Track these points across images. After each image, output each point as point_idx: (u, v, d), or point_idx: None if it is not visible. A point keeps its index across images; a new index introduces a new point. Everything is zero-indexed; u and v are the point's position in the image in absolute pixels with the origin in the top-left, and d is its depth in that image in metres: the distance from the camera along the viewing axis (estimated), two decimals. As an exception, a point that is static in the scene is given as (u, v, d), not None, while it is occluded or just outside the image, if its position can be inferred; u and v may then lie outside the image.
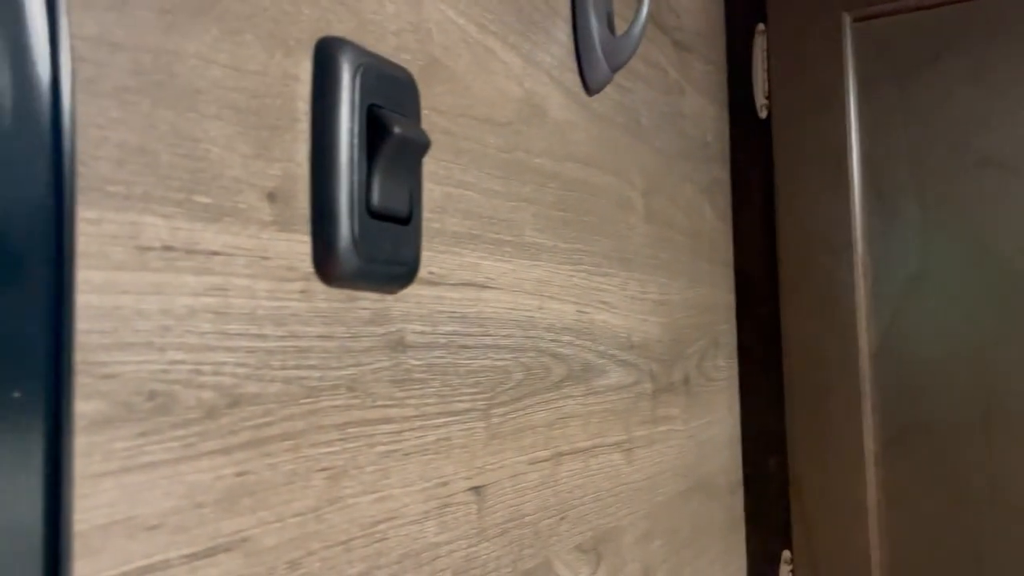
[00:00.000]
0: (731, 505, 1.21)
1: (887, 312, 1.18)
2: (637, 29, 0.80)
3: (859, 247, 1.19)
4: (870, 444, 1.18)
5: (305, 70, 0.49)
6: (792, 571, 1.22)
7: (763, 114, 1.27)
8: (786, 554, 1.23)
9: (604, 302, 0.84)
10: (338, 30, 0.51)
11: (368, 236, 0.50)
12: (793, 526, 1.22)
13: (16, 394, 0.34)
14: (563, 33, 0.79)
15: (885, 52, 1.17)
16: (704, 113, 1.19)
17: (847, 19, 1.19)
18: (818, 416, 1.20)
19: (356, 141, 0.49)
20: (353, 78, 0.50)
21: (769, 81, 1.26)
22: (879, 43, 1.18)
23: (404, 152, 0.52)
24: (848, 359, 1.19)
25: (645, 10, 0.80)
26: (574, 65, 0.81)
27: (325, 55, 0.49)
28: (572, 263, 0.78)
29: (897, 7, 1.16)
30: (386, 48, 0.55)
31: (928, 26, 1.15)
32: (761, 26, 1.27)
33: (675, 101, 1.07)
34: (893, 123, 1.17)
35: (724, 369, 1.21)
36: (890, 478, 1.17)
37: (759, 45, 1.28)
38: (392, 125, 0.50)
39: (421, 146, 0.53)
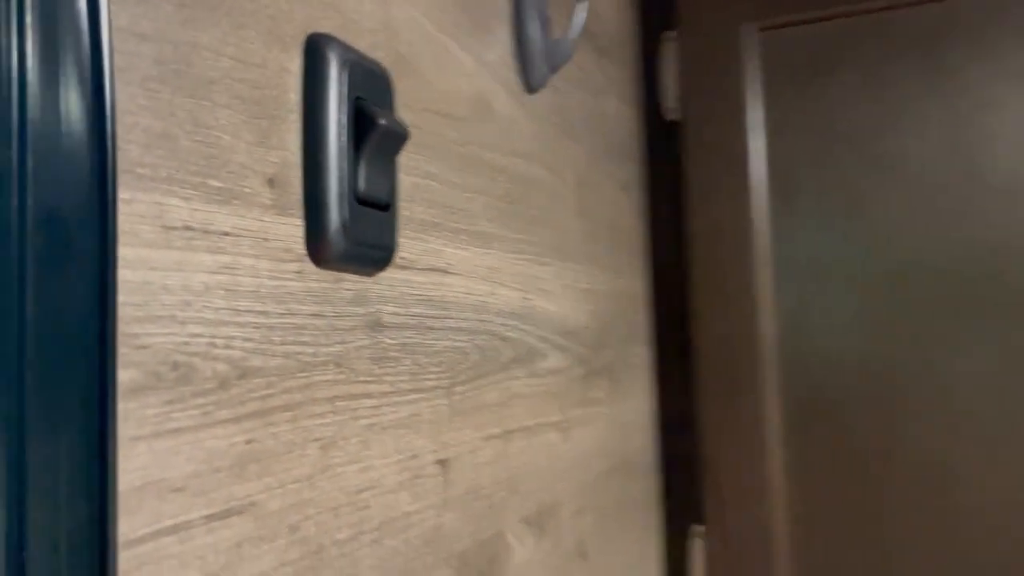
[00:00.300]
0: (648, 483, 1.28)
1: (789, 301, 1.27)
2: (574, 33, 0.86)
3: (763, 241, 1.28)
4: (775, 424, 1.27)
5: (297, 64, 0.52)
6: (704, 544, 1.30)
7: (671, 116, 1.35)
8: (698, 529, 1.31)
9: (544, 290, 0.89)
10: (324, 27, 0.55)
11: (355, 221, 0.53)
12: (705, 502, 1.30)
13: (67, 362, 0.36)
14: (506, 35, 0.84)
15: (788, 60, 1.27)
16: (622, 114, 1.25)
17: (753, 28, 1.28)
18: (727, 399, 1.29)
19: (345, 132, 0.53)
20: (341, 73, 0.53)
21: (680, 85, 1.33)
22: (783, 52, 1.27)
23: (386, 143, 0.55)
24: (754, 346, 1.28)
25: (583, 16, 0.85)
26: (516, 66, 0.85)
27: (315, 51, 0.53)
28: (517, 252, 0.83)
29: (799, 18, 1.25)
30: (363, 45, 0.58)
31: (827, 37, 1.25)
32: (670, 33, 1.35)
33: (599, 102, 1.13)
34: (795, 126, 1.27)
35: (640, 356, 1.28)
36: (794, 455, 1.26)
37: (668, 51, 1.35)
38: (378, 117, 0.54)
39: (401, 137, 0.56)
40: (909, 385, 1.22)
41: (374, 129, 0.54)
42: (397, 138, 0.56)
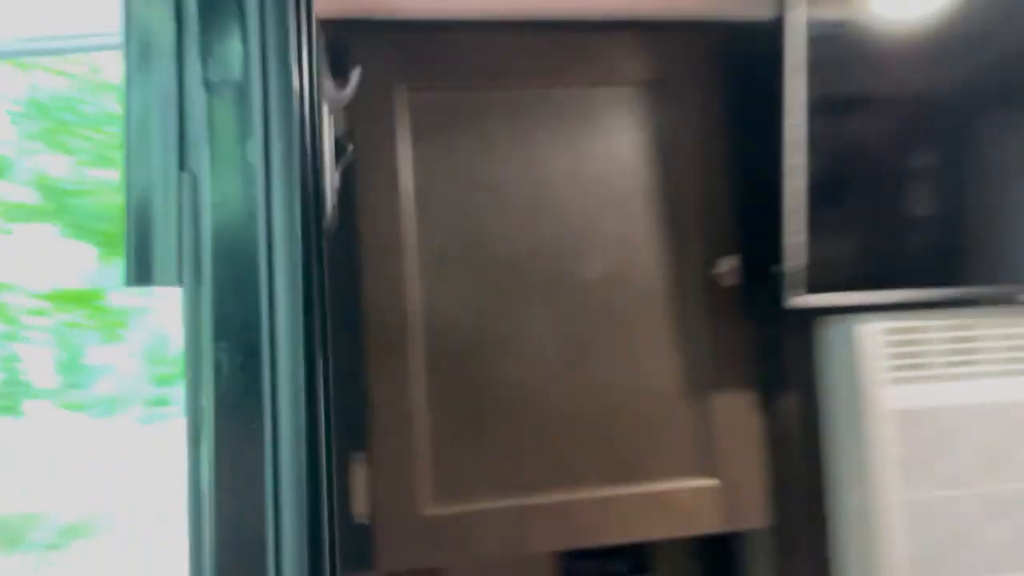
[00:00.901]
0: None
1: (430, 285, 1.78)
2: (351, 84, 1.26)
3: (411, 240, 1.77)
4: (420, 374, 1.76)
5: (311, 107, 0.87)
6: (366, 469, 1.73)
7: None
8: (360, 456, 1.74)
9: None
10: (312, 85, 0.90)
11: (335, 200, 0.90)
12: (369, 435, 1.74)
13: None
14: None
15: (431, 113, 1.78)
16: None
17: (404, 88, 1.76)
18: (386, 352, 1.74)
19: (333, 151, 0.89)
20: (329, 116, 0.89)
21: (348, 122, 1.76)
22: (427, 106, 1.78)
23: (344, 157, 0.93)
24: (404, 317, 1.75)
25: (358, 74, 1.26)
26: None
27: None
28: (324, 234, 1.20)
29: (434, 84, 1.77)
30: (316, 95, 0.94)
31: (457, 100, 1.79)
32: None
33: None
34: (434, 159, 1.78)
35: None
36: (433, 395, 1.76)
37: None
38: (348, 145, 0.91)
39: (349, 155, 0.94)
40: (505, 341, 1.80)
41: (345, 152, 0.91)
42: (348, 156, 0.94)
